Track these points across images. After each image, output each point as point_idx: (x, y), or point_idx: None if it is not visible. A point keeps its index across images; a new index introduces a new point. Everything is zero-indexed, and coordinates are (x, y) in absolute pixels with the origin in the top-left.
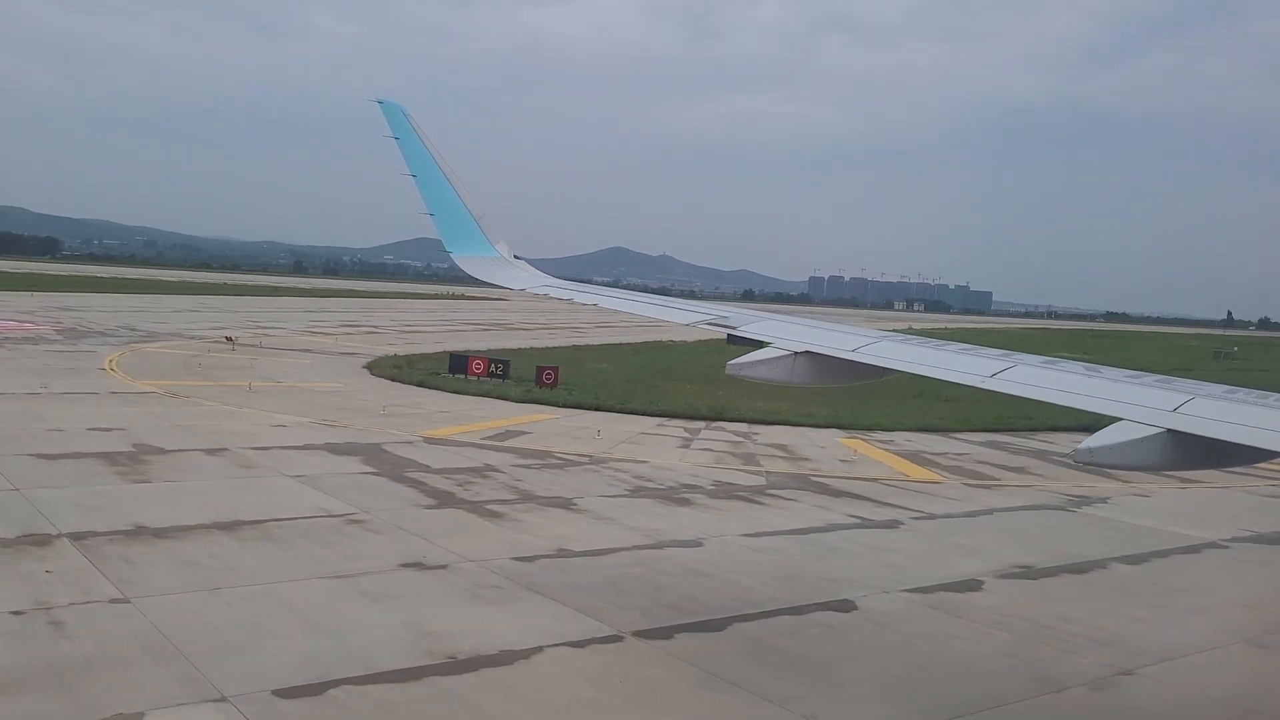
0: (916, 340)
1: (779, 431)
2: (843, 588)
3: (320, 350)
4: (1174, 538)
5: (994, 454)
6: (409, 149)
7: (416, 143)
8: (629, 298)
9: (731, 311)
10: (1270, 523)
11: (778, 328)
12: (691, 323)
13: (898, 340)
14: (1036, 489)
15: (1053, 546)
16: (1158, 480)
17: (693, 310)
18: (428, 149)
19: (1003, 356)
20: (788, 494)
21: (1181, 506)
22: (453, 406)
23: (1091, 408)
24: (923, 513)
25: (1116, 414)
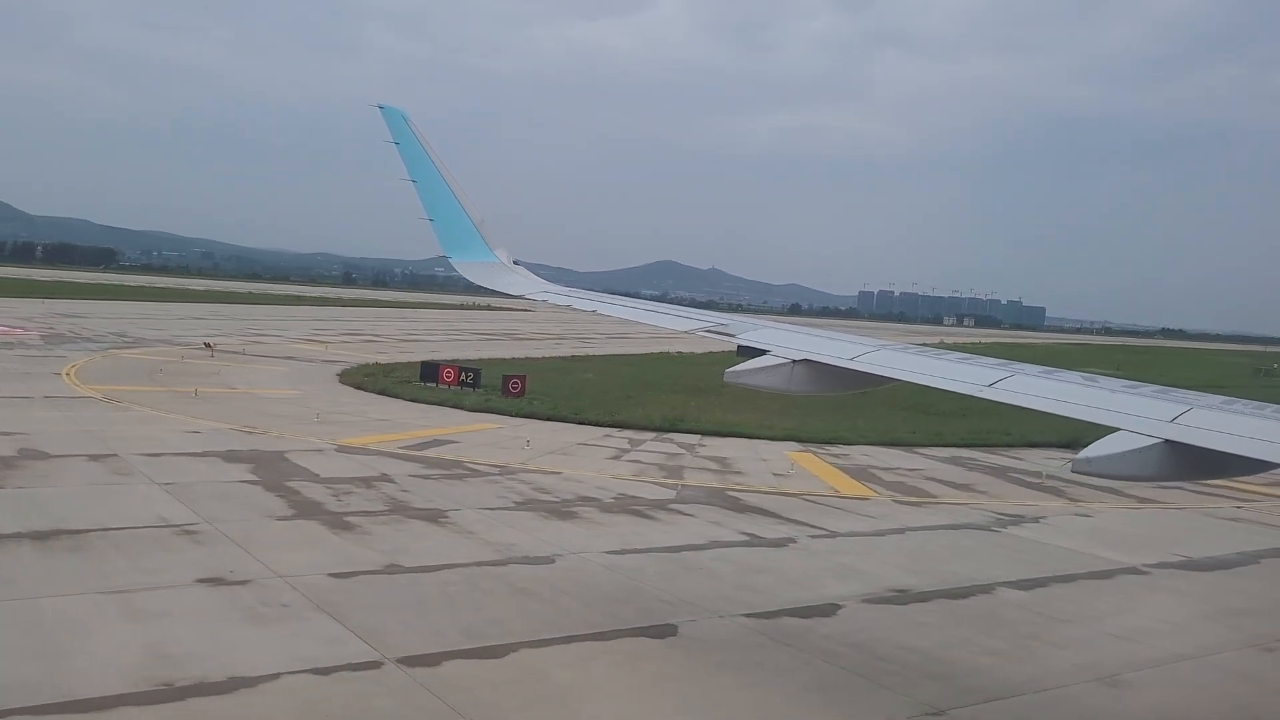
0: (915, 349)
1: (729, 443)
2: (677, 611)
3: (304, 358)
4: (1091, 561)
5: (950, 470)
6: (409, 154)
7: (417, 148)
8: (628, 305)
9: (731, 319)
10: (1211, 547)
11: (776, 335)
12: (690, 330)
13: (896, 349)
14: (971, 507)
15: (946, 569)
16: (1113, 499)
17: (693, 318)
18: (428, 154)
19: (1001, 366)
20: (690, 509)
21: (1121, 528)
22: (398, 415)
23: (1088, 418)
24: (826, 530)
25: (1114, 424)
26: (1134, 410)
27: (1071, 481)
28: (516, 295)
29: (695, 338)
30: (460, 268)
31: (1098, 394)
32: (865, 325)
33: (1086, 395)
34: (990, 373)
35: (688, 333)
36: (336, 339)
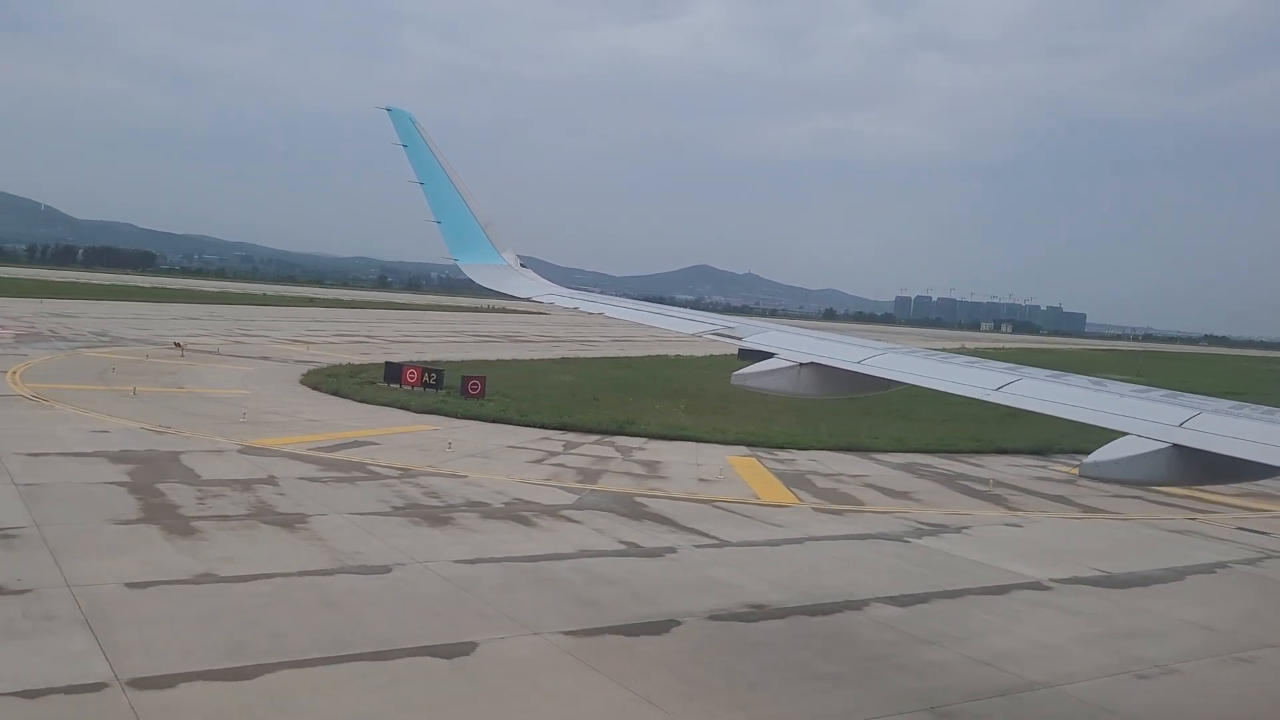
0: (922, 353)
1: (673, 447)
2: (490, 627)
3: (279, 358)
4: (994, 575)
5: (897, 476)
6: (416, 157)
7: (424, 150)
8: (635, 307)
9: (738, 322)
10: (1139, 562)
11: (783, 338)
12: (698, 333)
13: (903, 352)
14: (896, 516)
15: (824, 583)
16: (1057, 507)
17: (700, 320)
18: (435, 157)
19: (1009, 370)
20: (583, 516)
21: (1048, 539)
22: (336, 416)
23: (1096, 421)
24: (717, 540)
25: (1122, 428)
26: (1142, 414)
27: (1018, 489)
28: (524, 298)
29: (702, 342)
30: (468, 270)
31: (1105, 398)
32: (897, 331)
33: (1094, 399)
34: (998, 376)
35: (695, 335)
36: (326, 340)
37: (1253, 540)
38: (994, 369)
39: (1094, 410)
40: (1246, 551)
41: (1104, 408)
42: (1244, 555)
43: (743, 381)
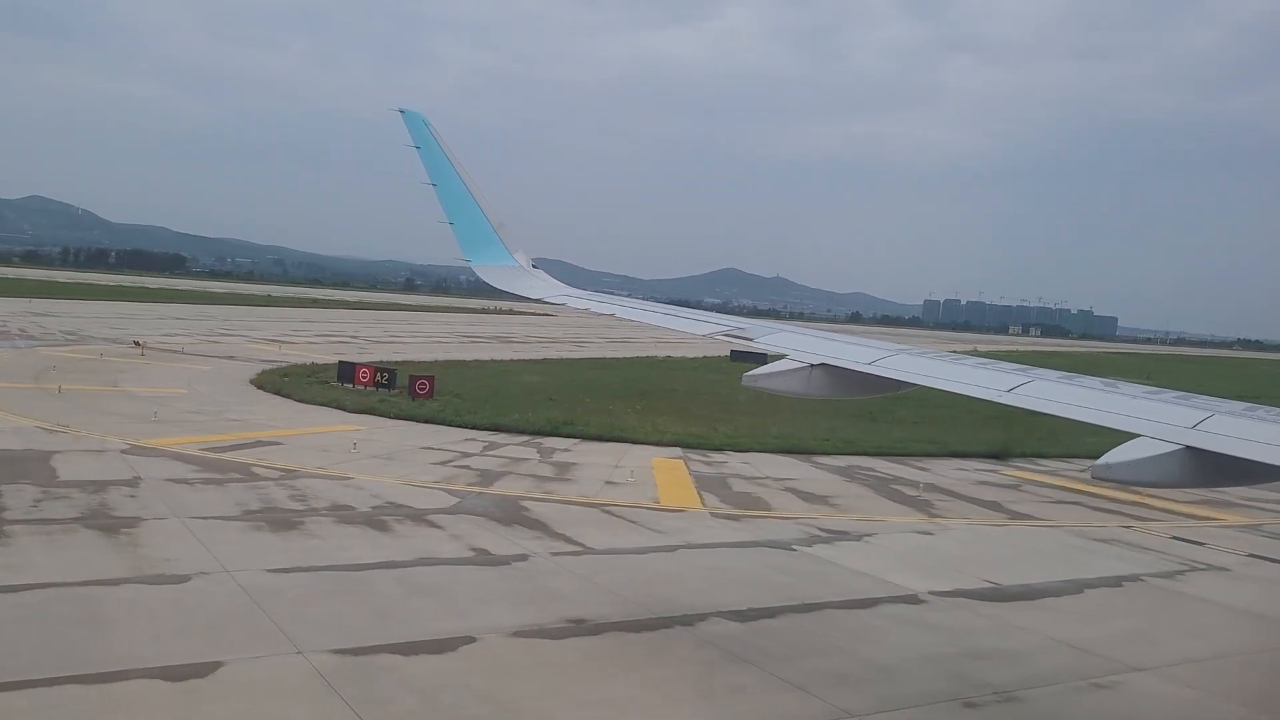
0: (934, 354)
1: (599, 449)
2: (250, 644)
3: (245, 358)
4: (870, 587)
5: (826, 479)
6: (429, 158)
7: (437, 152)
8: (646, 308)
9: (750, 323)
10: (1040, 573)
11: (795, 340)
12: (708, 334)
13: (914, 354)
14: (799, 522)
15: (668, 595)
16: (983, 513)
17: (710, 322)
18: (448, 158)
19: (1020, 371)
20: (451, 521)
21: (952, 547)
22: (263, 415)
23: (1109, 423)
24: (582, 547)
25: (1134, 430)
26: (1154, 416)
27: (953, 494)
28: (535, 299)
29: (697, 344)
30: (480, 271)
31: (1117, 399)
32: (926, 334)
33: (1106, 401)
34: (1009, 378)
35: (706, 336)
36: (306, 340)
37: (1182, 551)
38: (1006, 370)
39: (1106, 411)
40: (1169, 564)
41: (1116, 409)
42: (1164, 567)
43: (754, 382)
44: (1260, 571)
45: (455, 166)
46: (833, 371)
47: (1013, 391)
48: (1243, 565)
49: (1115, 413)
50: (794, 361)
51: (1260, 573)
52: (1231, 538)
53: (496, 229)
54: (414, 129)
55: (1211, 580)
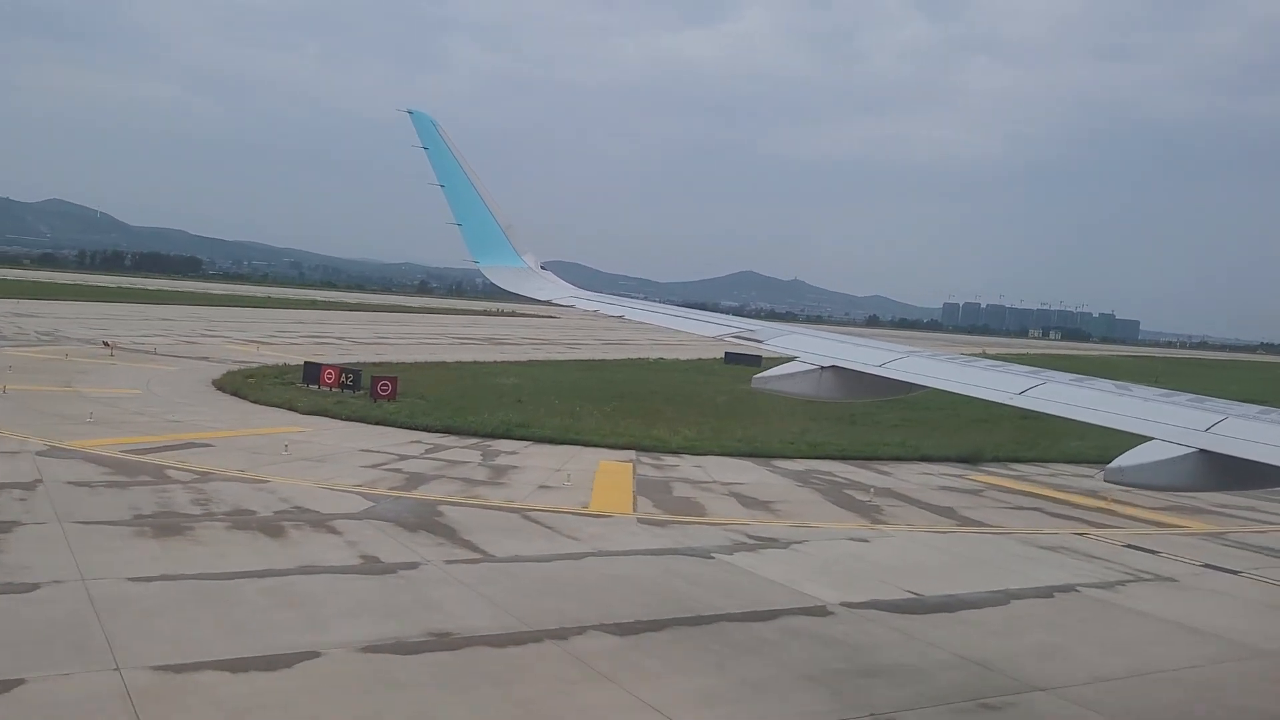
0: (945, 357)
1: (546, 451)
2: (68, 660)
3: (218, 359)
4: (778, 598)
5: (777, 484)
6: (437, 159)
7: (445, 153)
8: (655, 310)
9: (759, 325)
10: (968, 584)
11: (805, 342)
12: (718, 335)
13: (925, 356)
14: (731, 528)
15: (548, 607)
16: (929, 519)
17: (720, 324)
18: (456, 159)
19: (1032, 374)
20: (354, 526)
21: (886, 556)
22: (204, 416)
23: (1121, 426)
24: (481, 555)
25: (1147, 433)
26: (1167, 419)
27: (906, 499)
28: (544, 300)
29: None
30: (488, 272)
31: (1130, 402)
32: (944, 337)
33: (1119, 404)
34: (1021, 380)
35: (715, 338)
36: (288, 341)
37: (1132, 560)
38: (1017, 373)
39: (1118, 414)
40: (1113, 573)
41: (1128, 412)
42: (1106, 577)
43: (764, 384)
44: (1209, 582)
45: (463, 167)
46: (843, 374)
47: (1024, 394)
48: (1193, 575)
49: (1127, 415)
50: (804, 363)
51: (1209, 583)
52: (1191, 546)
53: (505, 230)
54: (422, 130)
55: (1153, 591)
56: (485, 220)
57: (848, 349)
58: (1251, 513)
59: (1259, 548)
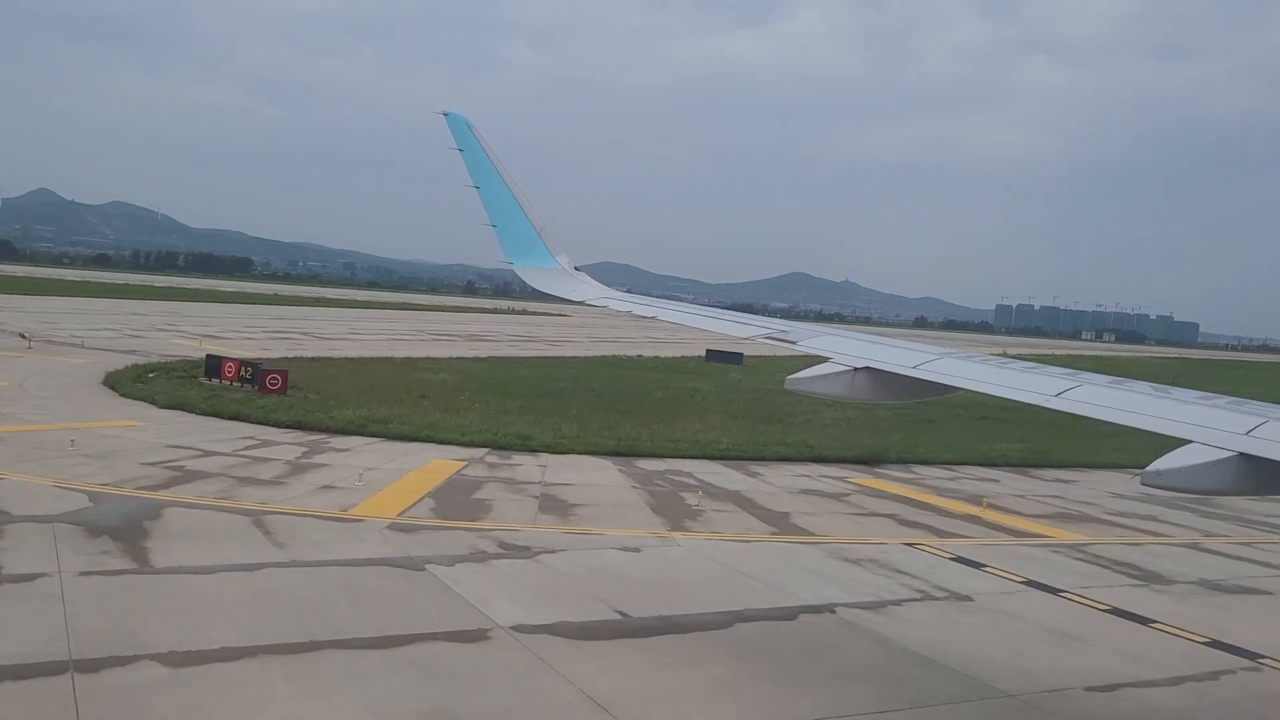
0: (980, 358)
1: (381, 447)
2: None
3: (146, 352)
4: (443, 619)
5: (609, 486)
6: (472, 161)
7: (480, 155)
8: (687, 311)
9: (792, 326)
10: (703, 602)
11: (838, 343)
12: (750, 336)
13: (959, 357)
14: (492, 534)
15: (130, 630)
16: (740, 527)
17: (753, 324)
18: (491, 161)
19: (1069, 375)
20: (29, 527)
21: (649, 568)
22: (47, 409)
23: (1159, 429)
24: (139, 566)
25: (1185, 436)
26: (1206, 422)
27: (746, 504)
28: (577, 301)
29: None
30: (522, 274)
31: (1168, 405)
32: (994, 339)
33: (1156, 406)
34: (1057, 383)
35: (747, 339)
36: (245, 337)
37: (943, 575)
38: (1053, 375)
39: (1156, 417)
40: (904, 591)
41: (1166, 415)
42: (887, 596)
43: (797, 386)
44: (1010, 603)
45: (498, 169)
46: (876, 375)
47: (1060, 396)
48: (999, 595)
49: (1165, 418)
50: (838, 365)
51: (1008, 604)
52: (1031, 559)
53: (539, 232)
54: (457, 131)
55: (930, 613)
56: (519, 221)
57: (881, 350)
58: (1152, 522)
59: (1113, 562)
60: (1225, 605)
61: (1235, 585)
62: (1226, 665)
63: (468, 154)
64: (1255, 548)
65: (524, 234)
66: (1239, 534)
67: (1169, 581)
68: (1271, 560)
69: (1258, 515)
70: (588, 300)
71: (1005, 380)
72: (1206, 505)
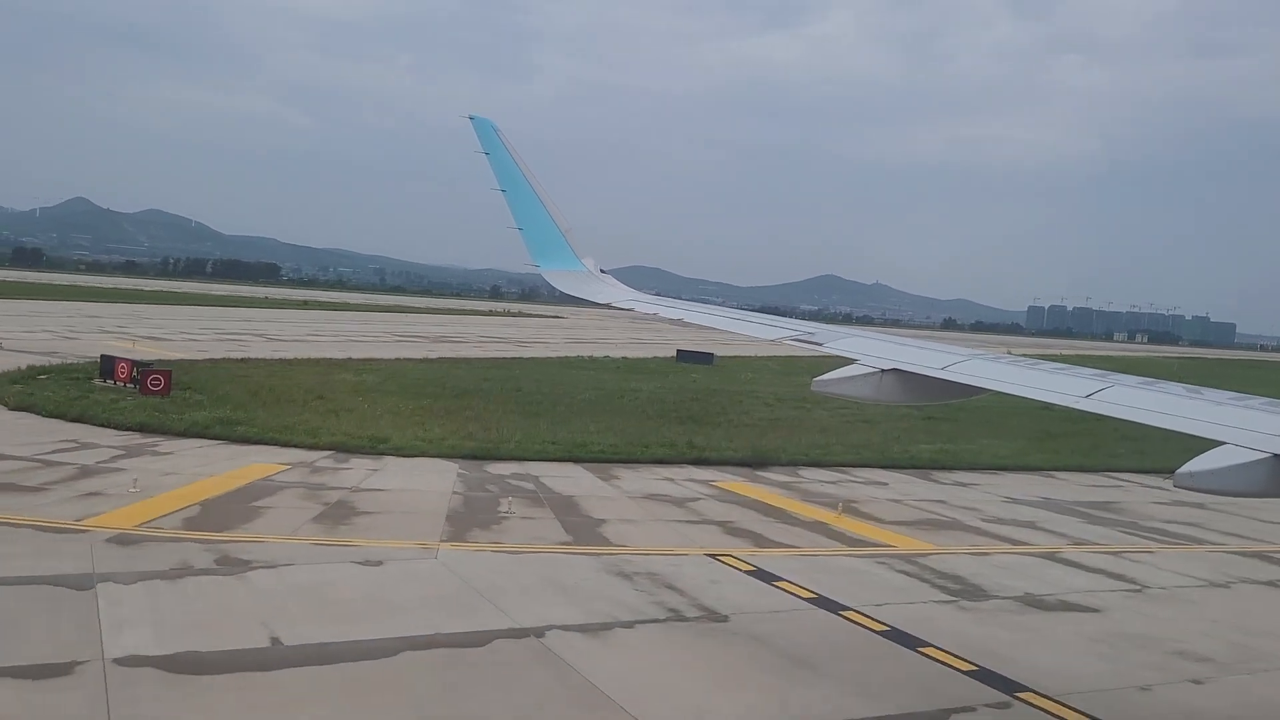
0: (1008, 359)
1: (211, 451)
2: None
3: (66, 353)
4: (29, 652)
5: (428, 492)
6: (499, 164)
7: (506, 158)
8: (712, 313)
9: (818, 328)
10: (387, 627)
11: (865, 345)
12: (777, 338)
13: (987, 359)
14: (228, 545)
15: None
16: (524, 537)
17: (780, 326)
18: (517, 164)
19: (1099, 376)
20: None
21: (329, 589)
22: None
23: (1191, 430)
24: None
25: (1218, 438)
26: (1240, 423)
27: (568, 512)
28: (603, 303)
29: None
30: (549, 276)
31: (1201, 406)
32: (1024, 340)
33: (1188, 407)
34: (1087, 384)
35: (774, 341)
36: (189, 338)
37: (726, 592)
38: (1083, 375)
39: (1188, 418)
40: (657, 610)
41: (1199, 415)
42: (627, 616)
43: (824, 387)
44: (770, 625)
45: (524, 172)
46: (903, 377)
47: (1090, 397)
48: (767, 614)
49: (1198, 419)
50: (865, 366)
51: (766, 627)
52: (852, 571)
53: (565, 234)
54: (483, 135)
55: (657, 636)
56: (545, 224)
57: (908, 352)
58: (1027, 529)
59: (940, 574)
60: (1030, 626)
61: (1060, 602)
62: (966, 701)
63: (494, 158)
64: (1123, 558)
65: (550, 237)
66: (1119, 542)
67: (986, 597)
68: (1127, 573)
69: (1155, 521)
70: (614, 303)
71: (1034, 382)
72: (1104, 511)
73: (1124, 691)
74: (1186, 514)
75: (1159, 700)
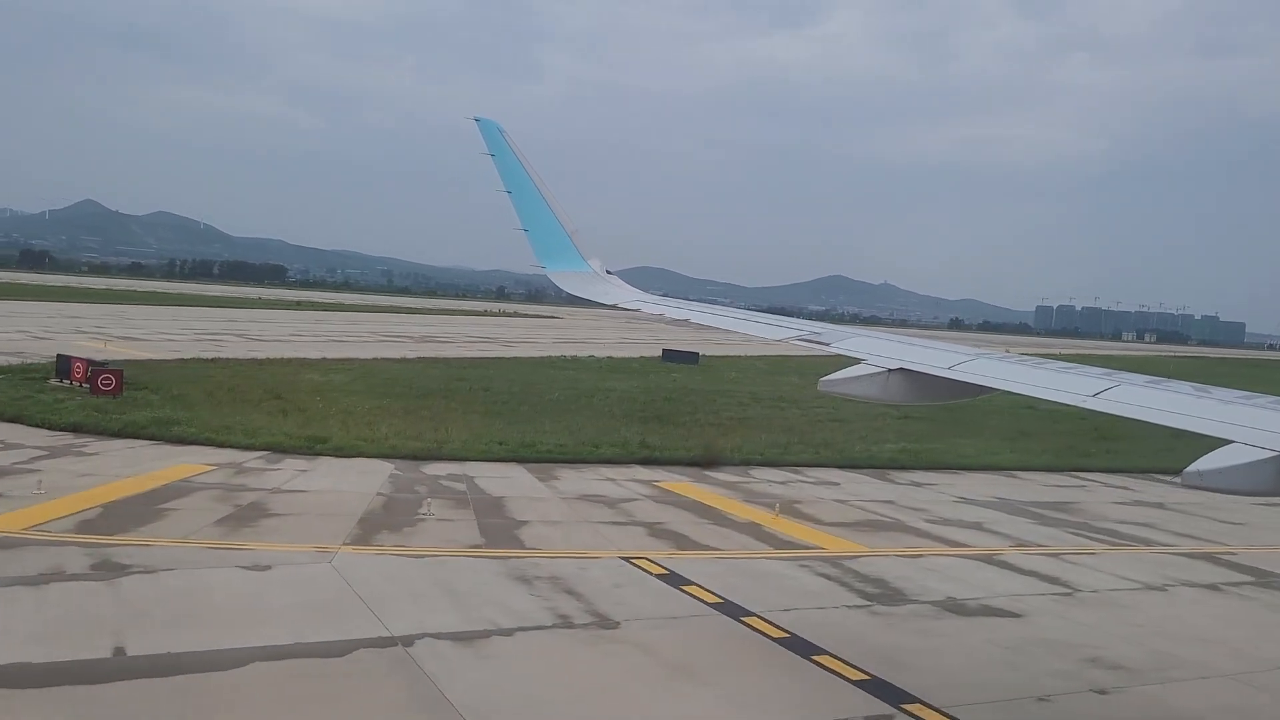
0: (1015, 358)
1: (142, 452)
2: None
3: (35, 354)
4: None
5: (345, 494)
6: (504, 166)
7: (512, 160)
8: (721, 313)
9: (825, 328)
10: (238, 637)
11: (871, 344)
12: (783, 338)
13: (994, 358)
14: (117, 549)
15: None
16: (438, 540)
17: (786, 326)
18: (522, 166)
19: (1106, 375)
20: None
21: (206, 593)
22: None
23: (1199, 429)
24: None
25: (1226, 436)
26: (1248, 422)
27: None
28: (610, 304)
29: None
30: (555, 278)
31: (1209, 405)
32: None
33: (1197, 406)
34: (1094, 383)
35: (780, 341)
36: (165, 338)
37: (629, 597)
38: (1090, 375)
39: (1196, 417)
40: (545, 617)
41: (1206, 414)
42: (510, 624)
43: (831, 387)
44: (660, 634)
45: (529, 173)
46: (910, 376)
47: (1097, 396)
48: (663, 621)
49: (1206, 418)
50: (871, 366)
51: (655, 635)
52: (769, 574)
53: (570, 235)
54: (489, 137)
55: (533, 645)
56: (551, 226)
57: (915, 351)
58: (970, 530)
59: (864, 577)
60: (942, 632)
61: (983, 606)
62: (846, 713)
63: (499, 159)
64: (1062, 560)
65: (556, 238)
66: (1064, 544)
67: (904, 601)
68: (1062, 575)
69: (1108, 522)
70: (620, 303)
71: (1041, 381)
72: (1057, 512)
73: (1020, 703)
74: (1143, 514)
75: (1054, 713)
